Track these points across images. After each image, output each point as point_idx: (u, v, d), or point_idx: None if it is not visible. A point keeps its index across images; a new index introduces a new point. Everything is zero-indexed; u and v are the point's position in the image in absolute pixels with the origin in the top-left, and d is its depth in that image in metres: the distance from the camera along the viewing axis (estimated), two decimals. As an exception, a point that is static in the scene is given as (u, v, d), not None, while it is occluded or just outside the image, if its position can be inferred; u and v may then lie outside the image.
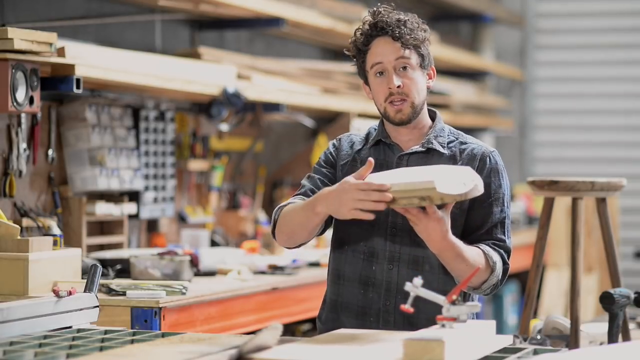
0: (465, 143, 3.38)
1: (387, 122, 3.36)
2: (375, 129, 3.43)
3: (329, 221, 3.32)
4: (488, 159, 3.34)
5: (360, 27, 3.34)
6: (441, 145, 3.35)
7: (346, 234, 3.38)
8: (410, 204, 3.01)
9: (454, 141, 3.38)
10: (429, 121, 3.41)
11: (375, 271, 3.32)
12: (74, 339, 3.14)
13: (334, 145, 3.46)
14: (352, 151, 3.42)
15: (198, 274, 4.91)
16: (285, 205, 3.35)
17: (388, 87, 3.28)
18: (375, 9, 3.35)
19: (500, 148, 9.67)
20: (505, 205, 3.34)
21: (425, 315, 3.22)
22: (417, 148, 3.34)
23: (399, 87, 3.27)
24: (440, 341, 2.59)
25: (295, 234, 3.32)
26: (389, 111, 3.30)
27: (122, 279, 4.51)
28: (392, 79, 3.27)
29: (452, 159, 3.34)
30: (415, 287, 2.91)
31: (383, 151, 3.38)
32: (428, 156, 3.34)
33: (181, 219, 5.97)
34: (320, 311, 3.48)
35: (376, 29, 3.30)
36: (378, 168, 3.30)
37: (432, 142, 3.34)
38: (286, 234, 3.34)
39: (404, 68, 3.28)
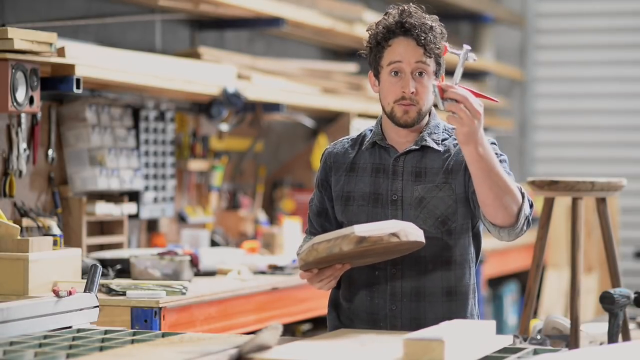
0: None
1: (387, 122, 3.33)
2: (372, 130, 3.40)
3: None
4: None
5: (384, 19, 3.29)
6: (435, 142, 3.33)
7: None
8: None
9: (447, 138, 3.36)
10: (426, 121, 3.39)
11: (378, 276, 3.30)
12: (74, 339, 3.14)
13: (325, 163, 3.42)
14: (347, 159, 3.39)
15: (198, 274, 4.91)
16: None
17: (402, 91, 3.24)
18: (403, 6, 3.29)
19: (500, 148, 9.65)
20: (500, 152, 3.31)
21: (432, 316, 3.22)
22: (411, 147, 3.32)
23: (412, 92, 3.24)
24: (440, 341, 2.59)
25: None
26: (396, 111, 3.26)
27: (122, 279, 4.51)
28: (408, 84, 3.24)
29: (446, 153, 3.32)
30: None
31: (379, 154, 3.35)
32: (423, 153, 3.32)
33: (181, 219, 5.97)
34: (332, 315, 3.45)
35: (402, 29, 3.25)
36: (375, 172, 3.31)
37: (425, 139, 3.32)
38: None
39: (420, 74, 3.25)
